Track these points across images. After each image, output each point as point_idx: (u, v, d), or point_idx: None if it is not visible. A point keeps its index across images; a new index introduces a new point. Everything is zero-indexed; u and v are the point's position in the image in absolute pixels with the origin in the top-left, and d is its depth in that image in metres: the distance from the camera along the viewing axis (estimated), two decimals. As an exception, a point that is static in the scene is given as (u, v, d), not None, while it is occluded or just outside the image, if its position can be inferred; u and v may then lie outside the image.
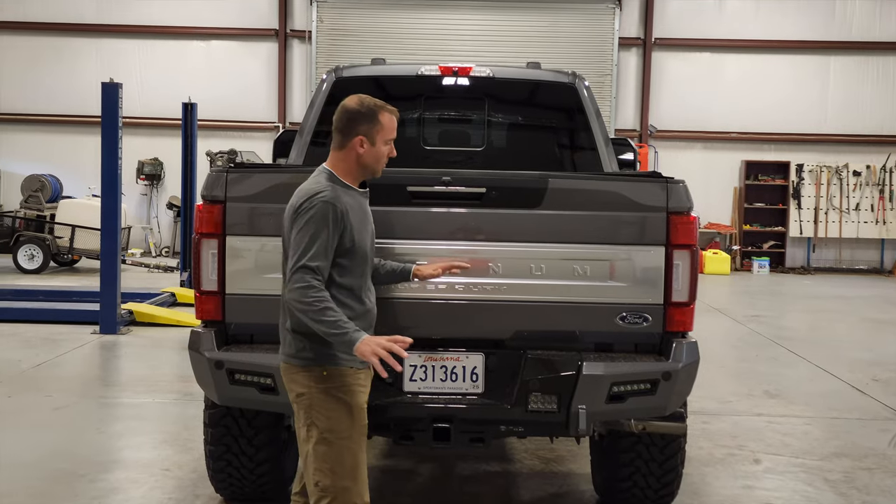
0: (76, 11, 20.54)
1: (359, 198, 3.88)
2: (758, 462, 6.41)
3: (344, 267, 3.76)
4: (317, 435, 3.74)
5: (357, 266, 3.80)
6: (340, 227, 3.70)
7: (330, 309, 3.60)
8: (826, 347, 10.93)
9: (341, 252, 3.73)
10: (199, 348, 4.38)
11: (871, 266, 20.81)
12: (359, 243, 3.78)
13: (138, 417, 7.29)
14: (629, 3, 20.43)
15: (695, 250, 4.38)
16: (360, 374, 3.82)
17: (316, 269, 3.63)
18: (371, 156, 3.83)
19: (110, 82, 10.77)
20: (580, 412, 4.24)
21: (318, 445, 3.74)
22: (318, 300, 3.60)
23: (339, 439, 3.74)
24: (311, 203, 3.67)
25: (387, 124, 3.84)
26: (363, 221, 3.86)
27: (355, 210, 3.80)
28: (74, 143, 20.28)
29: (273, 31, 20.49)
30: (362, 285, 3.86)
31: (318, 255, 3.64)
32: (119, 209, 10.99)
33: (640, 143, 19.87)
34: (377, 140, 3.82)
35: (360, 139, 3.80)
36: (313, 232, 3.64)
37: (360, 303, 3.83)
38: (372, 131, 3.81)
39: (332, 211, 3.67)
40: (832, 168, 20.40)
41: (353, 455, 3.77)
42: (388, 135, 3.85)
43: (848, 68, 20.53)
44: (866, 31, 20.42)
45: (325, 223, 3.65)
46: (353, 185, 3.87)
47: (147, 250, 20.23)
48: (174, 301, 12.67)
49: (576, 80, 6.35)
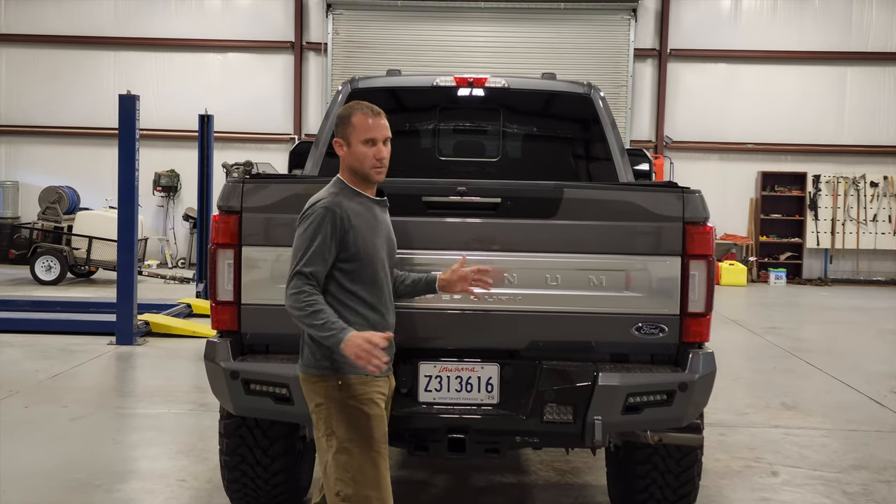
0: (95, 24, 20.70)
1: (368, 204, 3.89)
2: (775, 474, 6.36)
3: (350, 272, 3.78)
4: (336, 444, 3.76)
5: (366, 272, 3.80)
6: (340, 231, 3.73)
7: (321, 311, 3.64)
8: (844, 359, 10.86)
9: (346, 257, 3.76)
10: (215, 358, 4.38)
11: (889, 277, 20.67)
12: (365, 249, 3.78)
13: (154, 428, 7.30)
14: (644, 15, 20.42)
15: (711, 260, 4.36)
16: (378, 381, 3.83)
17: (309, 274, 3.68)
18: (352, 157, 3.86)
19: (127, 94, 10.84)
20: (596, 423, 4.22)
21: (339, 455, 3.75)
22: (310, 303, 3.64)
23: (360, 448, 3.75)
24: (311, 210, 3.76)
25: (357, 123, 3.84)
26: (373, 228, 3.85)
27: (361, 215, 3.81)
28: (92, 155, 20.40)
29: (289, 44, 20.59)
30: (376, 294, 3.85)
31: (313, 259, 3.69)
32: (136, 221, 11.03)
33: (655, 154, 19.83)
34: (352, 140, 3.85)
35: (337, 141, 3.90)
36: (309, 237, 3.71)
37: (373, 311, 3.83)
38: (346, 132, 3.87)
39: (331, 216, 3.72)
40: (849, 179, 20.30)
41: (374, 463, 3.77)
42: (361, 134, 3.83)
43: (865, 79, 20.44)
44: (883, 42, 20.33)
45: (321, 228, 3.70)
46: (364, 190, 3.89)
47: (163, 262, 20.31)
48: (190, 312, 12.71)
49: (591, 91, 6.35)
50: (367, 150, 3.83)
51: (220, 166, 16.81)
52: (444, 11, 20.23)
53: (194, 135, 14.96)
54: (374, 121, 3.85)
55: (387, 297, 3.93)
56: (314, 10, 20.68)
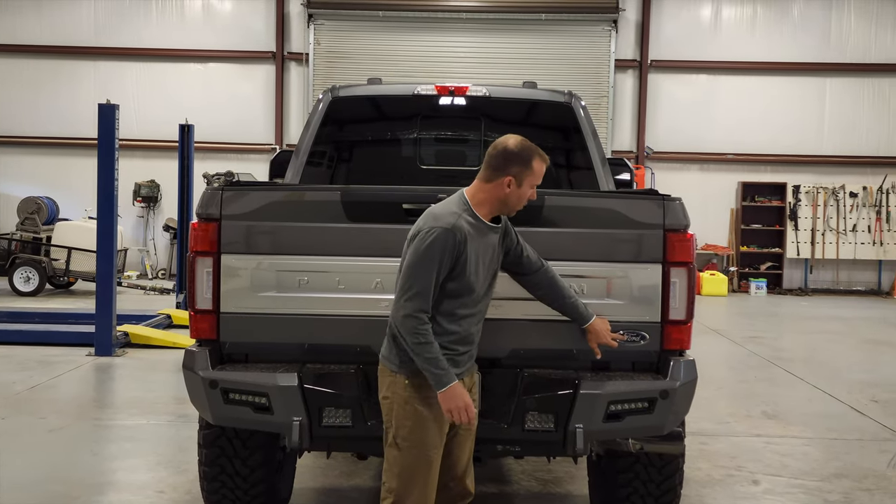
0: (74, 34, 20.58)
1: (483, 229, 3.95)
2: (757, 483, 6.36)
3: (450, 290, 3.88)
4: (391, 438, 3.95)
5: (465, 291, 3.90)
6: (455, 253, 3.81)
7: (432, 344, 3.79)
8: (824, 368, 10.89)
9: (452, 276, 3.86)
10: (194, 367, 4.35)
11: (868, 287, 20.79)
12: (470, 272, 3.87)
13: (133, 439, 7.23)
14: (625, 26, 20.51)
15: (692, 268, 4.36)
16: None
17: (425, 297, 3.79)
18: (515, 196, 3.96)
19: (107, 104, 10.78)
20: (577, 431, 4.21)
21: (391, 449, 3.95)
22: (423, 333, 3.79)
23: (410, 447, 3.90)
24: (433, 229, 3.80)
25: (537, 170, 3.97)
26: (480, 252, 3.92)
27: (475, 239, 3.89)
28: (71, 166, 20.26)
29: (270, 54, 20.55)
30: (468, 311, 3.94)
31: (429, 283, 3.79)
32: (115, 231, 10.96)
33: (636, 164, 19.89)
34: (524, 183, 3.94)
35: (509, 179, 3.92)
36: (430, 259, 3.78)
37: (460, 326, 3.92)
38: (522, 174, 3.93)
39: (452, 239, 3.79)
40: (829, 189, 20.42)
41: (420, 464, 3.91)
42: (535, 180, 3.98)
43: (844, 90, 20.59)
44: (862, 54, 20.49)
45: (441, 252, 3.77)
46: (485, 217, 3.96)
47: (143, 273, 20.19)
48: (170, 323, 12.62)
49: (572, 100, 6.37)
50: (528, 192, 3.99)
51: (201, 176, 16.73)
52: (425, 21, 20.25)
53: (175, 145, 14.90)
54: (545, 168, 4.00)
55: (479, 312, 4.02)
56: (295, 21, 20.66)
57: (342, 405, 4.29)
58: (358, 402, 4.30)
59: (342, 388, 4.30)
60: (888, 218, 20.36)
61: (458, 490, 4.17)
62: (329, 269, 4.37)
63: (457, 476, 4.15)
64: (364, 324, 4.36)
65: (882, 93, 20.57)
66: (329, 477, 6.22)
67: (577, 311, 4.25)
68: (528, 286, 4.25)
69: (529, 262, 4.19)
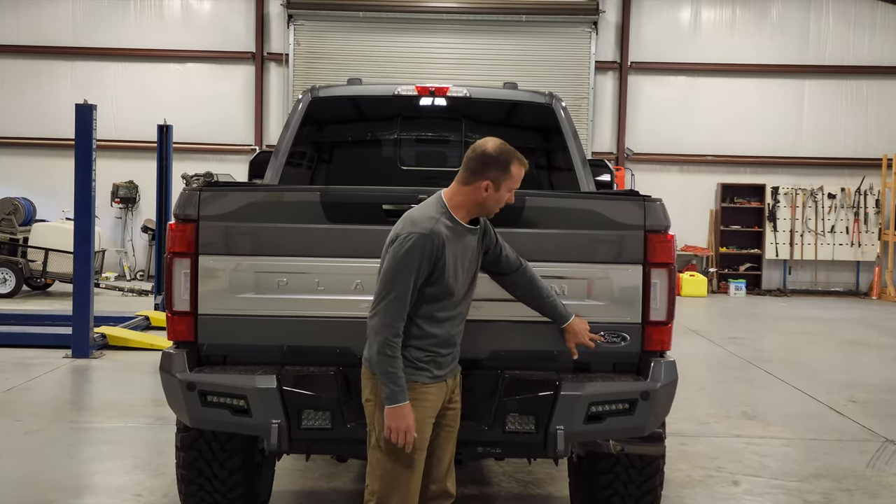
0: (52, 34, 20.43)
1: (461, 232, 3.93)
2: (736, 484, 6.37)
3: (429, 294, 3.86)
4: (374, 441, 3.94)
5: (444, 295, 3.89)
6: (433, 258, 3.80)
7: (398, 359, 3.79)
8: (803, 369, 10.94)
9: (429, 281, 3.84)
10: (171, 370, 4.30)
11: (846, 288, 20.91)
12: (448, 276, 3.86)
13: (110, 442, 7.17)
14: (605, 28, 20.55)
15: (672, 269, 4.36)
16: (428, 388, 3.93)
17: (402, 304, 3.78)
18: (493, 200, 3.95)
19: (84, 104, 10.70)
20: (558, 433, 4.19)
21: (374, 451, 3.95)
22: (393, 346, 3.79)
23: (392, 449, 3.87)
24: (410, 234, 3.79)
25: (515, 175, 3.95)
26: (459, 255, 3.91)
27: (453, 243, 3.87)
28: (49, 166, 20.08)
29: (250, 54, 20.46)
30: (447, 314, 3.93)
31: (407, 290, 3.77)
32: (92, 232, 10.87)
33: (616, 165, 19.94)
34: (502, 187, 3.93)
35: (486, 183, 3.91)
36: (406, 266, 3.77)
37: (439, 328, 3.91)
38: (500, 178, 3.92)
39: (430, 244, 3.78)
40: (807, 191, 20.53)
41: (403, 466, 3.90)
42: (513, 184, 3.96)
43: (822, 92, 20.71)
44: (840, 56, 20.62)
45: (418, 258, 3.76)
46: (462, 219, 3.94)
47: (121, 274, 20.05)
48: (148, 325, 12.53)
49: (553, 101, 6.35)
50: (506, 195, 3.97)
51: (180, 177, 16.65)
52: (406, 22, 20.21)
53: (154, 145, 14.81)
54: (523, 172, 3.99)
55: (460, 315, 4.01)
56: (275, 21, 20.58)
57: (321, 407, 4.26)
58: (337, 405, 4.27)
59: (321, 391, 4.27)
60: (866, 219, 20.51)
61: (440, 492, 4.15)
62: (308, 271, 4.34)
63: (438, 478, 4.12)
64: (344, 325, 4.33)
65: (860, 95, 20.71)
66: (309, 479, 6.19)
67: (555, 311, 4.23)
68: (507, 285, 4.24)
69: (508, 261, 4.17)
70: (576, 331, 4.25)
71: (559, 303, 4.25)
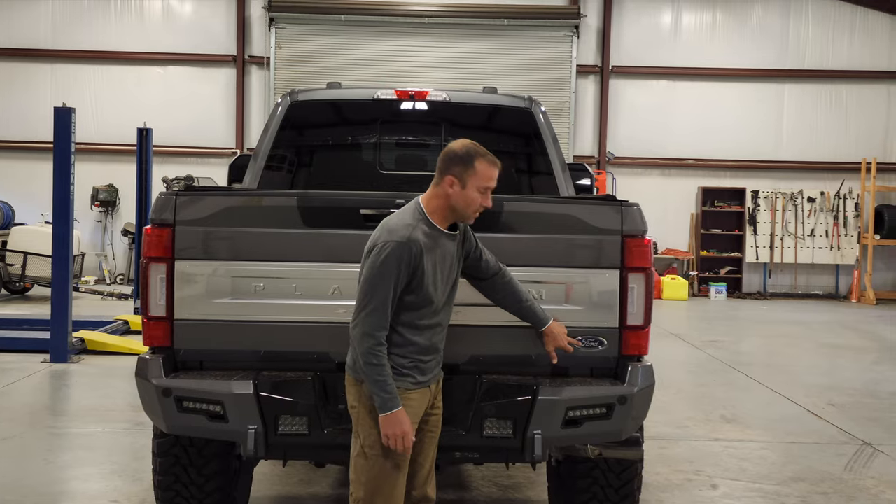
0: (31, 36, 20.31)
1: (440, 238, 3.92)
2: (715, 487, 6.39)
3: (409, 302, 3.85)
4: (359, 448, 3.92)
5: (424, 303, 3.88)
6: (412, 266, 3.78)
7: (385, 367, 3.77)
8: (782, 372, 10.99)
9: (409, 289, 3.83)
10: (147, 375, 4.28)
11: (826, 291, 21.03)
12: (427, 284, 3.85)
13: (88, 447, 7.12)
14: (587, 32, 20.61)
15: (650, 273, 4.36)
16: (411, 394, 3.91)
17: (382, 314, 3.77)
18: (460, 198, 3.91)
19: (63, 107, 10.63)
20: (536, 437, 4.19)
21: (358, 458, 3.93)
22: (378, 354, 3.77)
23: (378, 455, 3.87)
24: (387, 243, 3.77)
25: (480, 171, 3.90)
26: (438, 263, 3.90)
27: (432, 250, 3.86)
28: (28, 169, 19.95)
29: (231, 57, 20.40)
30: (428, 322, 3.92)
31: (386, 299, 3.76)
32: (71, 236, 10.80)
33: (598, 169, 19.99)
34: (468, 184, 3.88)
35: (451, 179, 3.90)
36: (384, 275, 3.76)
37: (421, 337, 3.90)
38: (465, 174, 3.89)
39: (407, 252, 3.76)
40: (787, 194, 20.65)
41: (388, 472, 3.89)
42: (481, 182, 3.91)
43: (802, 96, 20.84)
44: (819, 60, 20.76)
45: (396, 266, 3.75)
46: (440, 224, 3.92)
47: (101, 278, 19.93)
48: (127, 329, 12.46)
49: (532, 105, 6.36)
50: (477, 196, 3.90)
51: (161, 180, 16.57)
52: (387, 26, 20.20)
53: (134, 149, 14.74)
54: (494, 171, 3.94)
55: (442, 322, 4.00)
56: (257, 24, 20.54)
57: (298, 413, 4.24)
58: (314, 410, 4.25)
59: (298, 396, 4.25)
60: (845, 223, 20.63)
61: (420, 497, 4.14)
62: (286, 276, 4.32)
63: (418, 483, 4.11)
64: (321, 330, 4.32)
65: (839, 99, 20.85)
66: (286, 485, 6.16)
67: (533, 315, 4.24)
68: (485, 290, 4.23)
69: (487, 265, 4.17)
70: (554, 334, 4.25)
71: (537, 306, 4.25)
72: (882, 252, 20.70)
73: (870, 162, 19.99)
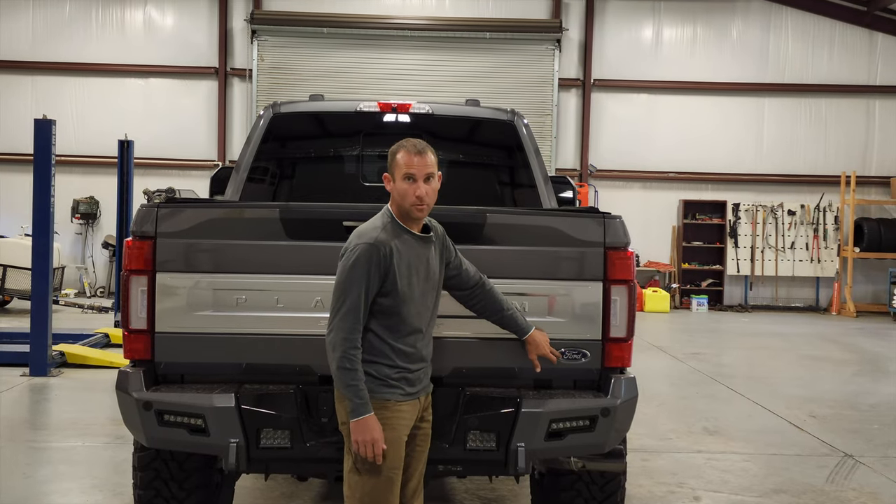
0: (11, 47, 20.23)
1: (412, 241, 3.91)
2: (697, 499, 6.40)
3: (386, 307, 3.85)
4: (350, 464, 3.89)
5: (401, 307, 3.86)
6: (382, 269, 3.79)
7: (358, 371, 3.75)
8: (764, 384, 11.03)
9: (383, 292, 3.83)
10: (127, 388, 4.24)
11: (806, 304, 21.14)
12: (402, 287, 3.83)
13: (68, 462, 7.06)
14: (568, 45, 20.71)
15: (632, 285, 4.37)
16: (401, 406, 3.89)
17: (356, 316, 3.77)
18: (396, 193, 3.93)
19: (43, 119, 10.57)
20: (519, 450, 4.18)
21: (351, 474, 3.89)
22: (352, 358, 3.75)
23: (370, 470, 3.84)
24: (357, 246, 3.80)
25: (400, 160, 3.92)
26: (413, 266, 3.89)
27: (403, 253, 3.85)
28: (7, 181, 19.86)
29: (213, 70, 20.37)
30: (408, 328, 3.90)
31: (359, 301, 3.77)
32: (51, 249, 10.73)
33: (580, 182, 20.07)
34: (395, 176, 3.91)
35: (386, 177, 3.98)
36: (356, 277, 3.77)
37: (402, 343, 3.88)
38: (392, 167, 3.94)
39: (376, 254, 3.77)
40: (767, 207, 20.77)
41: (381, 487, 3.86)
42: (402, 170, 3.90)
43: (782, 109, 21.00)
44: (799, 74, 20.93)
45: (366, 268, 3.76)
46: (409, 225, 3.93)
47: (81, 290, 19.80)
48: (108, 342, 12.37)
49: (514, 118, 6.38)
50: (406, 186, 3.89)
51: (142, 193, 16.49)
52: (370, 39, 20.22)
53: (115, 161, 14.68)
54: (414, 158, 3.91)
55: (422, 329, 3.97)
56: (239, 37, 20.52)
57: (280, 426, 4.21)
58: (297, 423, 4.22)
59: (280, 409, 4.23)
60: (825, 236, 20.77)
61: None
62: (267, 288, 4.31)
63: (407, 496, 4.09)
64: (303, 343, 4.30)
65: (819, 113, 21.02)
66: (269, 499, 6.12)
67: (515, 324, 4.24)
68: (466, 301, 4.23)
69: (468, 275, 4.17)
70: (537, 342, 4.25)
71: (519, 315, 4.25)
72: (862, 265, 20.84)
73: (849, 175, 20.14)
